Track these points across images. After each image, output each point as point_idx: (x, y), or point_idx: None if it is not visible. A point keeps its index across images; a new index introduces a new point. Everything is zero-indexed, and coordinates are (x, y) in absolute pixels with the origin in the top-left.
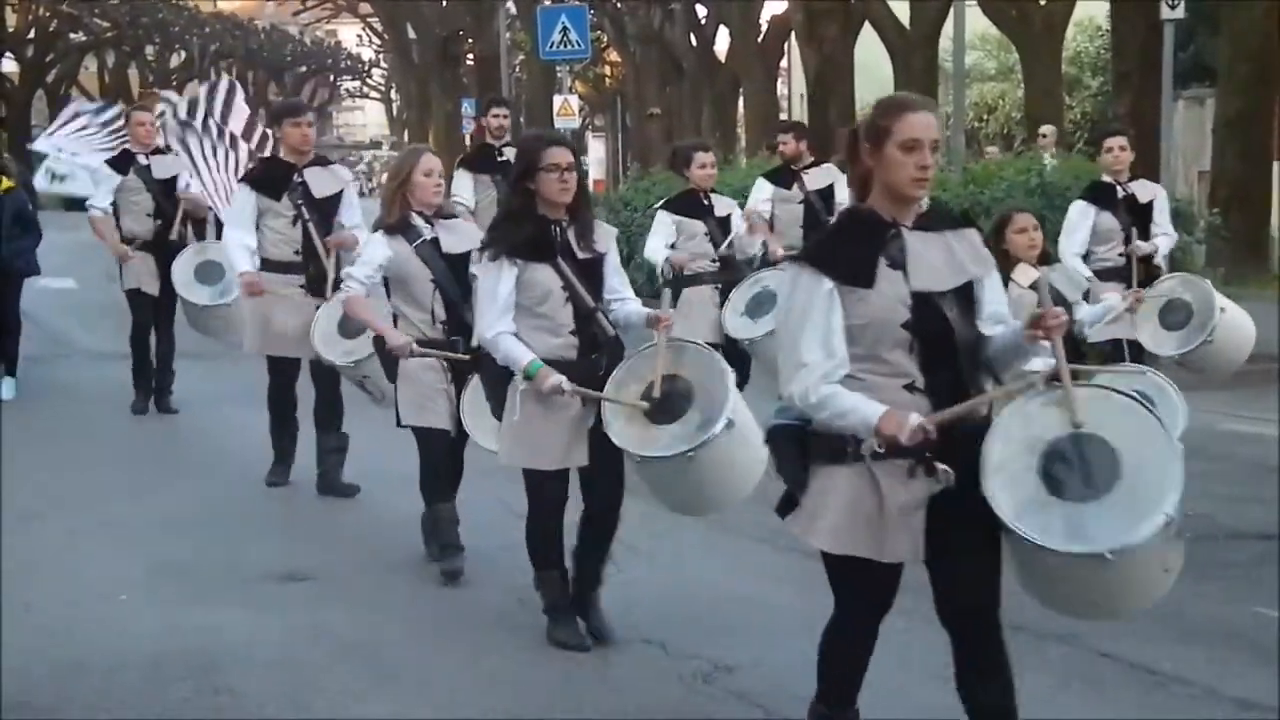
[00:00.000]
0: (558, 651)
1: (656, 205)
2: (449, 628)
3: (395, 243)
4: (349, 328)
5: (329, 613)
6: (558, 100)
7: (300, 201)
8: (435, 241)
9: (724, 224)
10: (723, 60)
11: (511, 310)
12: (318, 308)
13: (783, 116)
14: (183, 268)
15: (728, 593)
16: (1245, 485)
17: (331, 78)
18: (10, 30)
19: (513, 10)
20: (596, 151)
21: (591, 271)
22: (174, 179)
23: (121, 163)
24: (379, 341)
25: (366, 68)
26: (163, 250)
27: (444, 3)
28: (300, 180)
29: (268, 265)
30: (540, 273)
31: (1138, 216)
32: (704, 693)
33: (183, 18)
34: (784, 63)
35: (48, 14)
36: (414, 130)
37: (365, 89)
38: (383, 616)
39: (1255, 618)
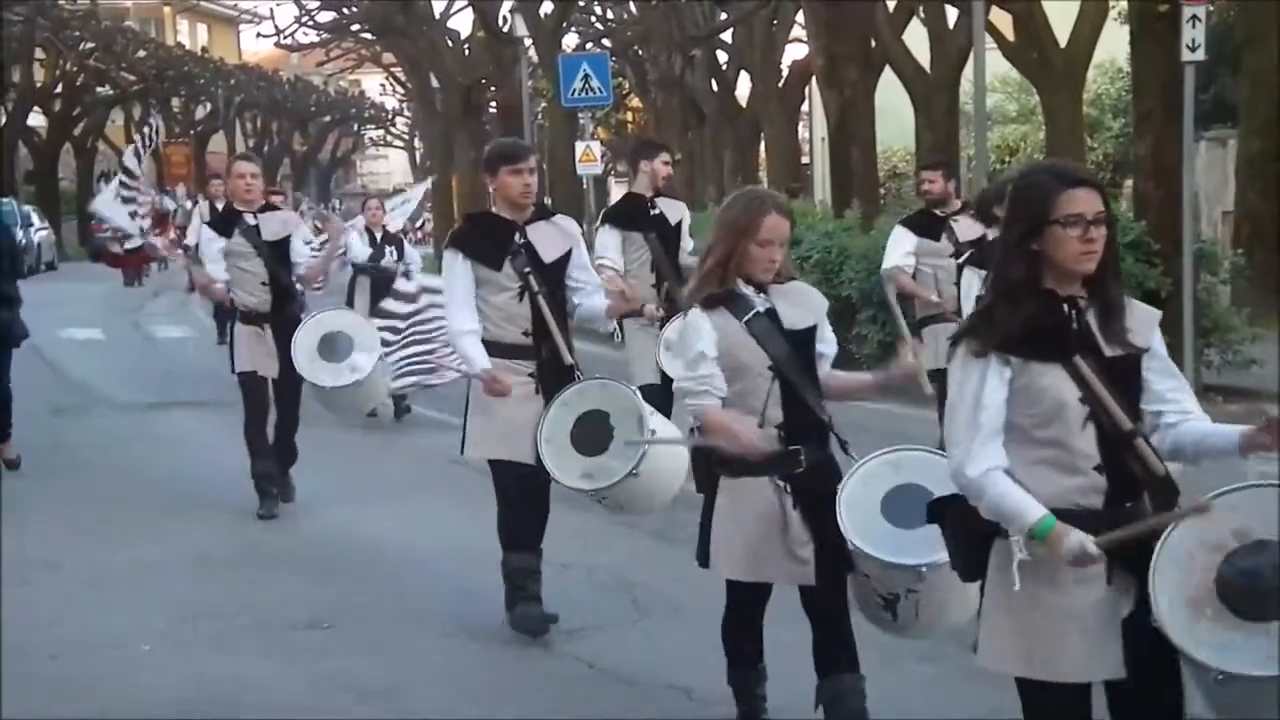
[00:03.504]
0: (580, 700)
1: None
2: (470, 674)
3: (719, 318)
4: (584, 437)
5: (351, 660)
6: (580, 147)
7: (527, 269)
8: (772, 314)
9: None
10: (744, 105)
11: (1001, 434)
12: (546, 402)
13: (804, 160)
14: (305, 344)
15: None
16: None
17: (355, 127)
18: (38, 85)
19: (534, 59)
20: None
21: (1125, 376)
22: (287, 239)
23: (225, 223)
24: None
25: (390, 117)
26: (281, 323)
27: (467, 52)
28: (523, 242)
29: (490, 349)
30: (1047, 377)
31: None
32: None
33: (208, 70)
34: (805, 106)
35: (75, 68)
36: (437, 178)
37: (389, 138)
38: (404, 664)
39: None
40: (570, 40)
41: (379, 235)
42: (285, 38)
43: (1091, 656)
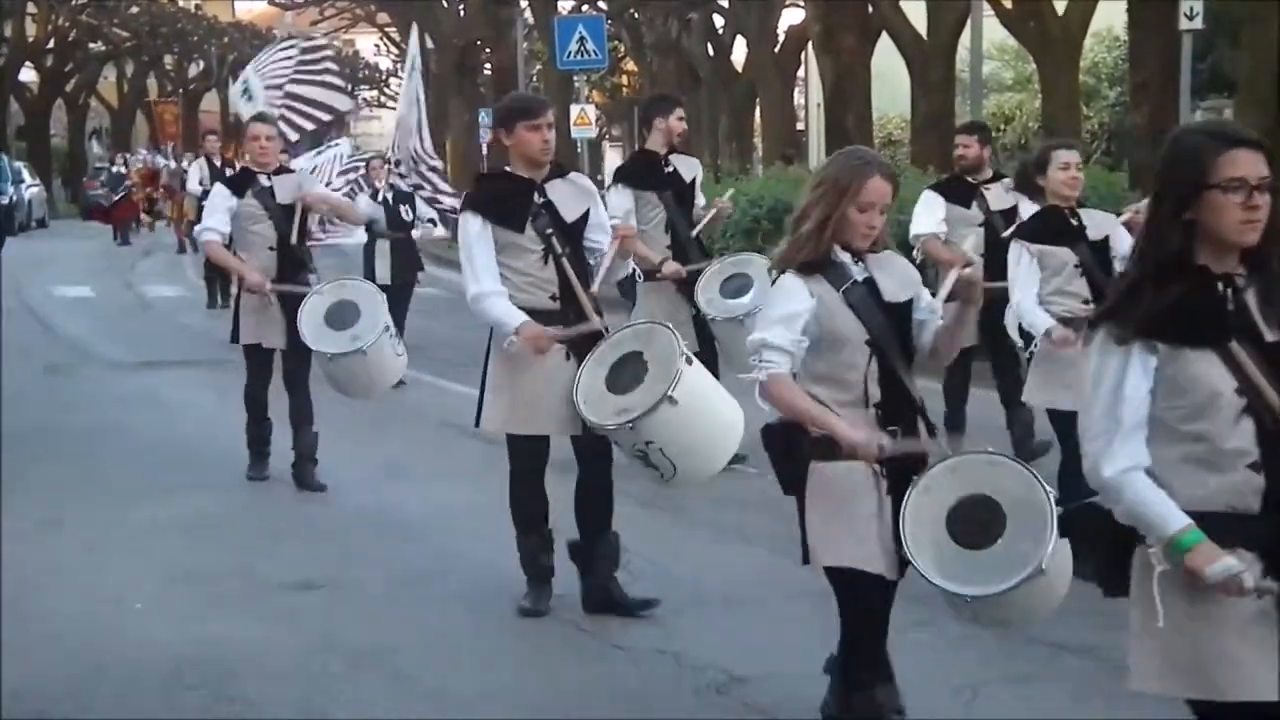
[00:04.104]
0: (571, 663)
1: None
2: (462, 637)
3: (815, 286)
4: (619, 380)
5: (342, 622)
6: (574, 110)
7: (549, 230)
8: (871, 284)
9: (1102, 252)
10: (740, 70)
11: (1143, 428)
12: (578, 367)
13: (799, 126)
14: (312, 312)
15: (742, 604)
16: None
17: (349, 87)
18: (30, 40)
19: (530, 20)
20: (613, 162)
21: None
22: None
23: (240, 183)
24: (782, 438)
25: (384, 77)
26: (288, 291)
27: (462, 13)
28: (543, 201)
29: None
30: (1199, 364)
31: None
32: (717, 704)
33: (201, 27)
34: (801, 72)
35: (67, 24)
36: (431, 140)
37: (382, 99)
38: (396, 625)
39: None
40: (566, 3)
41: (390, 196)
42: None
43: (1265, 671)
